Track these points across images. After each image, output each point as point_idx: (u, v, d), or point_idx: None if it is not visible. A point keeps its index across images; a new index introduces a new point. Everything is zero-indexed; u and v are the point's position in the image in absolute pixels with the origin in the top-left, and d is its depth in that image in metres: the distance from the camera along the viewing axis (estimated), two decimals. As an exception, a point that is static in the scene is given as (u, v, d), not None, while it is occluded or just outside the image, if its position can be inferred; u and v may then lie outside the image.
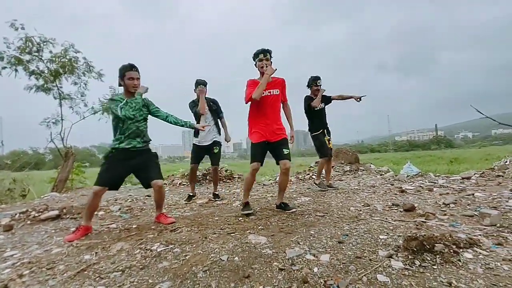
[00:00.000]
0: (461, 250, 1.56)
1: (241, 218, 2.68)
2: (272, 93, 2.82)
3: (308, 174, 6.32)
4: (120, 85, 2.57)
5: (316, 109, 4.10)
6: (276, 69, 2.71)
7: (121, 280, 1.52)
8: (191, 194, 3.97)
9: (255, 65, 2.84)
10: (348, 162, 7.57)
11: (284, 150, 2.78)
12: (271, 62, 2.83)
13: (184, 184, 6.16)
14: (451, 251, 1.53)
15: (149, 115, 2.69)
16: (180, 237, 2.19)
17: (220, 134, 3.95)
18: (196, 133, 3.79)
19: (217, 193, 4.02)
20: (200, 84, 3.76)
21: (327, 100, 4.24)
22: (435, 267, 1.42)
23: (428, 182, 4.28)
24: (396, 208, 2.74)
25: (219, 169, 7.16)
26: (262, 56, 2.78)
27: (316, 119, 4.17)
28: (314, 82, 4.12)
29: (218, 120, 3.93)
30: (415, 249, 1.54)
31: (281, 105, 2.93)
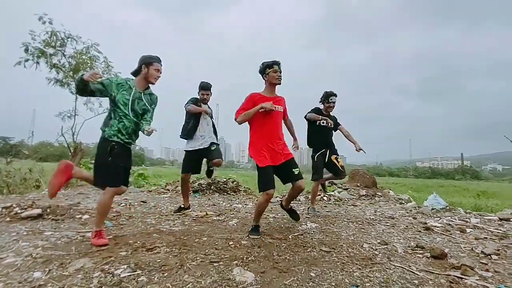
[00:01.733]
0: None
1: (232, 243, 2.29)
2: (276, 109, 2.67)
3: (319, 194, 5.80)
4: (137, 72, 2.39)
5: (319, 123, 3.71)
6: (274, 107, 2.59)
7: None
8: (183, 206, 3.63)
9: (265, 76, 2.68)
10: (365, 186, 6.96)
11: (294, 170, 2.66)
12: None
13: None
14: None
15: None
16: (154, 260, 1.84)
17: (216, 136, 3.68)
18: (189, 136, 3.48)
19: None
20: (204, 88, 3.53)
21: (335, 125, 3.88)
22: None
23: (458, 220, 3.68)
24: (421, 251, 2.23)
25: (225, 179, 6.95)
26: (277, 67, 2.64)
27: (319, 136, 3.76)
28: (327, 98, 3.75)
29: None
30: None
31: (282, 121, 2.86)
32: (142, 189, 6.31)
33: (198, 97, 3.60)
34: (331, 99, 3.73)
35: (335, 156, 3.74)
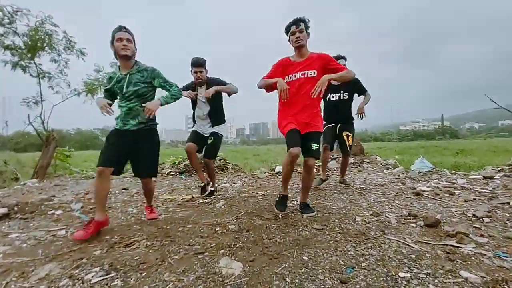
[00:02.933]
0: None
1: (218, 229, 2.14)
2: (305, 75, 2.32)
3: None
4: (116, 57, 2.21)
5: (329, 98, 3.48)
6: (287, 97, 2.25)
7: None
8: (203, 184, 3.34)
9: (289, 40, 2.39)
10: (353, 154, 6.97)
11: (312, 145, 2.33)
12: (308, 33, 2.35)
13: (172, 175, 5.64)
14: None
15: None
16: (132, 257, 1.67)
17: (223, 121, 3.32)
18: (194, 121, 3.33)
19: (212, 189, 3.34)
20: (194, 64, 3.05)
21: (358, 92, 3.51)
22: None
23: (445, 182, 3.70)
24: (414, 220, 2.17)
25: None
26: (294, 28, 2.30)
27: (328, 111, 3.53)
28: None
29: (221, 102, 3.30)
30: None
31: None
32: (126, 174, 6.03)
33: (192, 77, 3.16)
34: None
35: (347, 133, 3.47)
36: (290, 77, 2.38)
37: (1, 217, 2.63)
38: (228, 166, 6.25)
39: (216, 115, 3.24)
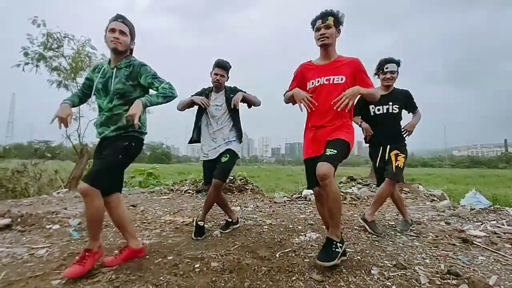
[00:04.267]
0: None
1: (198, 265, 1.81)
2: (331, 81, 1.89)
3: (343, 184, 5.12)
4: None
5: (374, 111, 2.73)
6: (311, 106, 1.88)
7: None
8: (230, 220, 2.80)
9: (315, 38, 1.97)
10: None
11: (328, 150, 1.76)
12: (339, 30, 1.94)
13: (189, 193, 5.50)
14: None
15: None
16: (84, 296, 1.42)
17: (239, 139, 2.68)
18: (197, 140, 2.71)
19: (229, 219, 2.78)
20: (219, 65, 2.62)
21: (407, 108, 2.78)
22: None
23: (507, 225, 2.89)
24: (454, 282, 1.59)
25: (233, 176, 6.48)
26: (320, 22, 1.88)
27: (373, 128, 2.71)
28: (381, 67, 2.70)
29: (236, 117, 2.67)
30: None
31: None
32: (146, 189, 6.07)
33: (211, 80, 2.69)
34: (386, 68, 2.67)
35: (397, 152, 2.65)
36: (313, 83, 1.95)
37: (2, 228, 2.65)
38: (248, 187, 5.93)
39: (236, 129, 2.68)
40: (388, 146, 2.69)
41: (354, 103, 1.82)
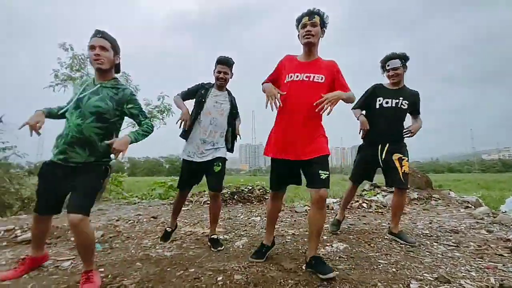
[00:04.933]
0: None
1: (221, 278, 1.72)
2: (310, 79, 1.86)
3: (358, 201, 4.91)
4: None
5: (381, 103, 2.53)
6: (276, 106, 1.83)
7: None
8: (169, 229, 2.71)
9: (298, 35, 1.96)
10: (416, 187, 5.82)
11: (321, 172, 1.77)
12: (323, 31, 1.92)
13: (208, 204, 5.46)
14: None
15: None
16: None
17: (230, 148, 2.58)
18: (185, 135, 2.49)
19: (215, 236, 2.50)
20: (221, 61, 2.46)
21: (411, 107, 2.57)
22: None
23: (560, 233, 2.58)
24: (510, 297, 1.40)
25: (251, 186, 6.40)
26: (307, 19, 1.86)
27: (376, 121, 2.54)
28: (385, 64, 2.59)
29: (234, 124, 2.59)
30: None
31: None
32: (166, 201, 6.12)
33: (213, 77, 2.53)
34: (388, 65, 2.55)
35: (399, 155, 2.45)
36: (291, 76, 1.90)
37: (29, 241, 2.71)
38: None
39: (233, 137, 2.60)
40: (387, 145, 2.51)
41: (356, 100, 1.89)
